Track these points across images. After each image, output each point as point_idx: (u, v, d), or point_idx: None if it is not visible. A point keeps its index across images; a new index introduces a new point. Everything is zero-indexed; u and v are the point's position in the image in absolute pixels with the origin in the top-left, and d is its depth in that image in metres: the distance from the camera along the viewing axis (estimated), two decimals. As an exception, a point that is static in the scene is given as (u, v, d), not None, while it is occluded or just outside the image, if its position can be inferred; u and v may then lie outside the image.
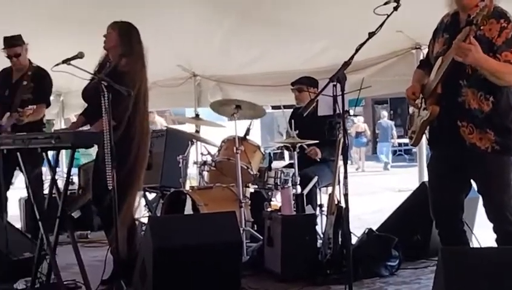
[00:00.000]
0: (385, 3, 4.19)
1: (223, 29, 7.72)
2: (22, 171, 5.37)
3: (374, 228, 6.18)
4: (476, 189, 4.30)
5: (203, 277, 4.86)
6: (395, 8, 4.18)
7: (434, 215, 4.43)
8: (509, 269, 3.59)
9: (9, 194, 6.91)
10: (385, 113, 25.04)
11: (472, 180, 4.31)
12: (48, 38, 7.37)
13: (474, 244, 5.36)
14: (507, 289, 3.57)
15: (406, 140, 4.78)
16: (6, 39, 6.83)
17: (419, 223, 5.90)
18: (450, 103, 4.13)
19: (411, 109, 4.54)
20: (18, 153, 5.10)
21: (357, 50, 4.24)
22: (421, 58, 5.62)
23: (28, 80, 6.81)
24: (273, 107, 20.10)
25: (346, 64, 4.26)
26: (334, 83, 4.32)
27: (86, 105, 5.68)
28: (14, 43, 6.82)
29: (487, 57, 3.95)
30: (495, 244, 4.18)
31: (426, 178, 4.67)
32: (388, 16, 4.15)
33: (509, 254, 3.80)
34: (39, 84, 6.83)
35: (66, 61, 4.88)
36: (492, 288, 3.56)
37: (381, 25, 4.18)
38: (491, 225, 4.20)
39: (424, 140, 4.56)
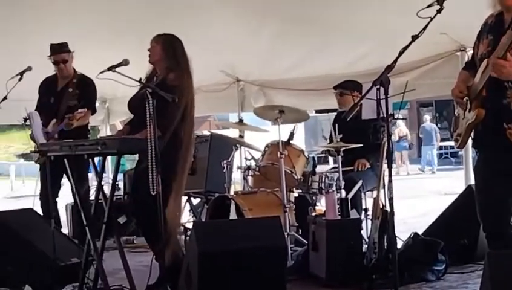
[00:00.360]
0: (428, 6, 4.15)
1: (266, 35, 7.74)
2: (68, 178, 5.44)
3: (420, 232, 6.12)
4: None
5: (248, 281, 4.86)
6: (438, 11, 4.13)
7: (481, 218, 4.37)
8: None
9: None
10: (427, 116, 24.79)
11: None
12: (93, 47, 7.47)
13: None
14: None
15: (452, 143, 4.71)
16: (53, 46, 6.99)
17: (466, 226, 5.82)
18: (495, 105, 4.08)
19: (456, 111, 4.49)
20: (65, 160, 5.18)
21: (400, 53, 4.21)
22: (466, 60, 5.56)
23: (73, 87, 6.95)
24: (317, 111, 20.05)
25: (389, 67, 4.23)
26: (378, 87, 4.29)
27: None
28: (61, 49, 6.98)
29: None
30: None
31: (472, 181, 4.61)
32: (432, 19, 4.11)
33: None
34: (84, 91, 6.94)
35: (112, 68, 4.93)
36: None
37: (424, 28, 4.14)
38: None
39: (470, 142, 4.51)
